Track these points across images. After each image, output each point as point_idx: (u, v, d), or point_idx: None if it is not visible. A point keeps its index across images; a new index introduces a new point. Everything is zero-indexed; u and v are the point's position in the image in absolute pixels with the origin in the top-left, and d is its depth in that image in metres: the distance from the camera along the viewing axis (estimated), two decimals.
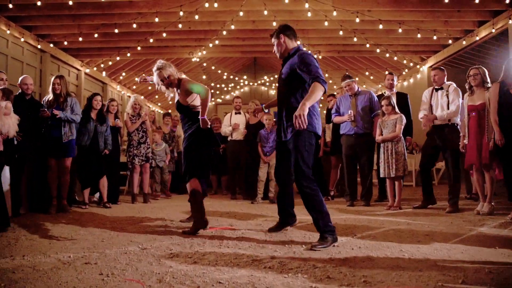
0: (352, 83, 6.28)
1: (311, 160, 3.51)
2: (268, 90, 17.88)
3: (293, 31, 3.81)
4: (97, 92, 6.61)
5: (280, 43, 3.76)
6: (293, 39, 3.79)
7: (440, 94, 5.65)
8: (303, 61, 3.49)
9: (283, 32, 3.76)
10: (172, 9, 7.75)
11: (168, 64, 4.25)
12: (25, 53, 9.19)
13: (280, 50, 3.78)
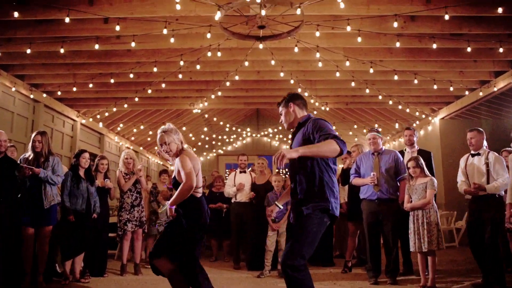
0: (378, 138, 5.51)
1: (313, 246, 3.05)
2: (271, 142, 17.37)
3: (303, 100, 3.49)
4: (84, 149, 5.89)
5: (289, 112, 3.41)
6: (303, 109, 3.44)
7: (477, 161, 4.96)
8: (317, 126, 3.16)
9: (292, 100, 3.42)
10: (172, 58, 7.24)
11: (175, 130, 3.97)
12: (16, 103, 8.63)
13: (289, 120, 3.43)
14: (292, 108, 3.38)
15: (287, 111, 3.41)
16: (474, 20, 6.34)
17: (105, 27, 6.42)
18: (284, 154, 2.77)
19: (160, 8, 5.86)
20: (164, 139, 3.86)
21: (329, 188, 3.11)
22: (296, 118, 3.40)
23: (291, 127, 3.46)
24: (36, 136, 5.14)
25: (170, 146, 3.86)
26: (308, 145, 3.02)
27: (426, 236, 4.79)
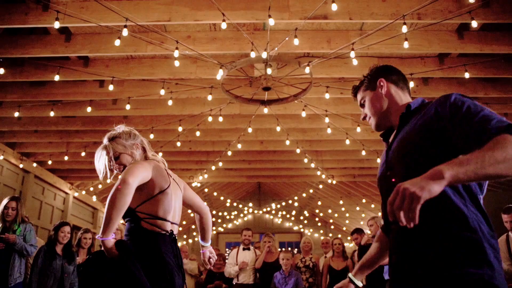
0: None
1: None
2: (273, 219, 16.57)
3: (402, 76, 1.94)
4: (65, 221, 5.20)
5: (379, 96, 1.88)
6: (405, 90, 1.91)
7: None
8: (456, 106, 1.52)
9: (383, 75, 1.90)
10: (170, 125, 6.82)
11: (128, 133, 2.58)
12: (4, 173, 8.10)
13: (379, 109, 1.87)
14: (385, 87, 1.87)
15: (374, 95, 1.90)
16: (490, 83, 6.02)
17: (100, 91, 6.08)
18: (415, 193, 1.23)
19: (158, 70, 5.55)
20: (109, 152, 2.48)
21: (487, 240, 1.42)
22: (394, 105, 1.85)
23: (383, 124, 1.90)
24: (10, 202, 4.51)
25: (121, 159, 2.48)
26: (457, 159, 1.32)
27: None
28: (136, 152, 2.52)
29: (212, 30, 4.98)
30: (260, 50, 4.74)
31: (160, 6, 4.53)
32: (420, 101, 1.78)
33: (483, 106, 1.49)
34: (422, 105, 1.75)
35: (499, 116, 1.43)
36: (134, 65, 5.55)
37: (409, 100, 1.87)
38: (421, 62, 5.51)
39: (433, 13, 4.51)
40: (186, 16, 4.44)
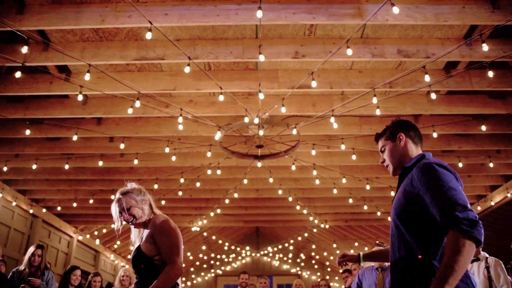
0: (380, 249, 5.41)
1: None
2: (271, 261, 16.86)
3: (418, 132, 2.27)
4: (75, 266, 5.75)
5: (397, 148, 2.22)
6: (418, 144, 2.24)
7: (476, 266, 4.89)
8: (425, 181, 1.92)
9: (403, 130, 2.24)
10: (173, 176, 7.44)
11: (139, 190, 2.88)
12: (15, 218, 8.66)
13: (396, 159, 2.22)
14: (403, 141, 2.21)
15: (394, 147, 2.23)
16: (463, 138, 6.66)
17: (110, 145, 6.73)
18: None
19: (163, 128, 6.21)
20: (122, 204, 2.75)
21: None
22: (405, 156, 2.20)
23: (398, 171, 2.23)
24: (36, 250, 5.05)
25: (132, 211, 2.75)
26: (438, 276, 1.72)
27: None
28: (145, 207, 2.81)
29: (212, 96, 5.68)
30: (254, 113, 5.43)
31: (166, 77, 5.25)
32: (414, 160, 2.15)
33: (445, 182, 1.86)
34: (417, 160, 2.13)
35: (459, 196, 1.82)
36: (142, 124, 6.22)
37: (420, 152, 2.22)
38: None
39: (403, 82, 5.22)
40: (188, 86, 5.14)
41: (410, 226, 1.97)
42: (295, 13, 4.16)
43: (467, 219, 1.75)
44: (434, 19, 4.18)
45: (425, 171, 1.94)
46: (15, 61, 4.50)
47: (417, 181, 1.95)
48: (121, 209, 2.73)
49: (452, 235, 1.76)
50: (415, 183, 1.96)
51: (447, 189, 1.84)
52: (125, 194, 2.78)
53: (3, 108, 5.71)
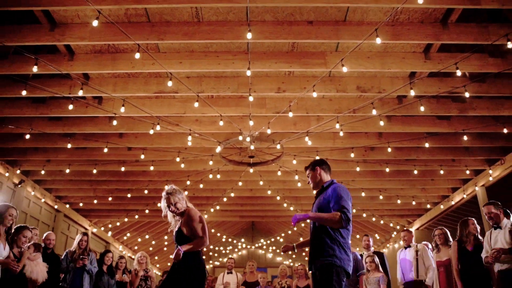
0: None
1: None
2: (265, 254, 18.27)
3: (328, 166, 3.91)
4: (108, 249, 7.28)
5: (315, 175, 3.81)
6: (327, 173, 3.86)
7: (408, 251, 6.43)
8: (336, 192, 3.52)
9: (319, 165, 3.84)
10: (180, 178, 8.88)
11: (179, 190, 4.13)
12: (42, 212, 10.09)
13: (315, 181, 3.82)
14: (319, 172, 3.79)
15: (314, 174, 3.81)
16: (420, 149, 8.08)
17: (129, 153, 8.17)
18: (296, 217, 3.37)
19: (174, 141, 7.66)
20: (170, 200, 4.00)
21: (338, 245, 3.43)
22: (321, 181, 3.77)
23: (316, 188, 3.82)
24: (83, 236, 6.55)
25: (177, 205, 4.00)
26: (318, 212, 3.50)
27: None
28: (183, 202, 4.08)
29: (213, 116, 7.08)
30: (247, 131, 6.87)
31: (178, 103, 6.68)
32: (329, 182, 3.78)
33: (343, 196, 3.48)
34: (330, 183, 3.74)
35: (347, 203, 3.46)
36: (155, 136, 7.63)
37: (329, 179, 3.84)
38: (364, 136, 7.63)
39: (364, 108, 6.63)
40: (195, 111, 6.53)
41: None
42: (277, 62, 5.61)
43: (347, 216, 3.41)
44: (380, 67, 5.62)
45: (336, 190, 3.60)
46: (61, 94, 5.93)
47: (331, 194, 3.59)
48: (169, 203, 4.03)
49: (335, 212, 3.42)
50: (331, 194, 3.59)
51: (345, 199, 3.52)
52: (171, 193, 4.06)
53: (45, 125, 7.13)
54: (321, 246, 3.46)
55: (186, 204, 4.12)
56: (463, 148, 8.06)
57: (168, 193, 4.07)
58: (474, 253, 5.30)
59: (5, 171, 8.26)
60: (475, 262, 5.26)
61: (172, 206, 4.01)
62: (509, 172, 8.17)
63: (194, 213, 4.04)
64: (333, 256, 3.38)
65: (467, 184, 9.52)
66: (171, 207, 4.02)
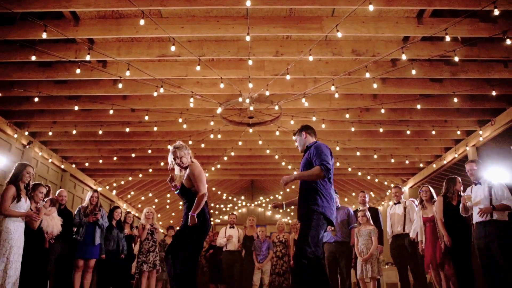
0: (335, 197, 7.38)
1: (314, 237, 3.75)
2: (264, 211, 18.88)
3: (313, 130, 4.41)
4: (117, 206, 7.74)
5: (302, 139, 4.34)
6: (313, 136, 4.37)
7: (397, 206, 6.87)
8: (317, 150, 4.00)
9: (305, 130, 4.37)
10: (182, 138, 9.22)
11: (185, 146, 4.43)
12: (49, 172, 10.50)
13: (302, 145, 4.34)
14: (305, 136, 4.32)
15: (301, 139, 4.35)
16: (414, 110, 8.38)
17: (132, 114, 8.46)
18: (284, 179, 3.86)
19: (176, 102, 7.94)
20: (177, 154, 4.32)
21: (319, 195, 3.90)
22: (307, 143, 4.29)
23: (303, 150, 4.32)
24: (94, 193, 7.02)
25: (182, 159, 4.30)
26: (302, 172, 4.00)
27: (369, 267, 6.46)
28: (188, 157, 4.41)
29: (214, 79, 7.33)
30: (246, 92, 7.15)
31: (180, 66, 6.92)
32: (313, 143, 4.24)
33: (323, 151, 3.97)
34: (313, 144, 4.19)
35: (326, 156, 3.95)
36: (159, 98, 7.90)
37: (314, 140, 4.33)
38: (360, 97, 7.91)
39: (359, 70, 6.88)
40: (197, 73, 6.77)
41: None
42: (275, 27, 5.82)
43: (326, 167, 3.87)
44: (374, 32, 5.85)
45: (317, 147, 4.10)
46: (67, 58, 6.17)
47: (313, 151, 4.08)
48: (175, 157, 4.35)
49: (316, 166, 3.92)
50: (312, 152, 4.08)
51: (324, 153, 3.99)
52: (178, 147, 4.39)
53: (51, 88, 7.39)
54: (305, 197, 3.92)
55: (191, 160, 4.41)
56: (455, 109, 8.36)
57: (175, 148, 4.38)
58: (457, 208, 5.75)
59: (14, 133, 8.58)
60: (458, 216, 5.73)
61: (178, 159, 4.31)
62: (498, 133, 8.52)
63: (195, 167, 4.31)
64: (314, 204, 3.84)
65: (458, 144, 9.87)
66: (176, 161, 4.32)
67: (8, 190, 4.52)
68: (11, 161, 8.34)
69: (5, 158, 8.33)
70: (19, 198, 4.57)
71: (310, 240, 3.70)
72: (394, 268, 7.55)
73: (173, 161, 4.38)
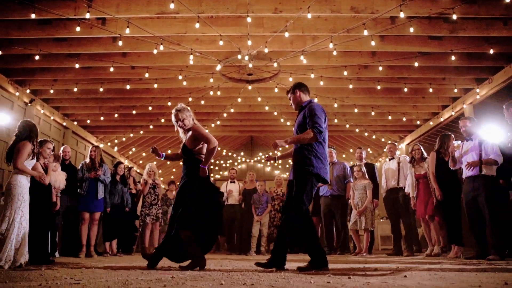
0: (331, 152, 7.63)
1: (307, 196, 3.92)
2: (263, 167, 19.20)
3: (306, 88, 4.38)
4: (120, 161, 7.96)
5: (296, 97, 4.30)
6: (306, 94, 4.33)
7: (392, 162, 7.10)
8: (310, 111, 4.04)
9: (298, 88, 4.33)
10: (182, 95, 9.33)
11: (187, 109, 4.47)
12: (52, 129, 10.67)
13: (296, 103, 4.32)
14: (298, 94, 4.28)
15: (294, 96, 4.31)
16: (412, 68, 8.44)
17: (133, 72, 8.53)
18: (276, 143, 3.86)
19: (175, 59, 7.98)
20: (179, 116, 4.35)
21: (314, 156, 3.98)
22: (301, 101, 4.27)
23: (297, 108, 4.31)
24: (92, 148, 7.21)
25: (185, 121, 4.34)
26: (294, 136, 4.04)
27: (363, 219, 6.79)
28: (190, 119, 4.40)
29: (213, 36, 7.34)
30: (245, 49, 7.19)
31: (179, 23, 6.91)
32: (307, 102, 4.26)
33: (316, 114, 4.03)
34: (308, 103, 4.22)
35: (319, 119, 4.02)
36: (158, 56, 7.93)
37: (308, 99, 4.32)
38: (358, 55, 7.95)
39: (358, 28, 6.90)
40: (196, 31, 6.80)
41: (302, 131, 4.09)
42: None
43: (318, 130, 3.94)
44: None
45: (311, 107, 4.12)
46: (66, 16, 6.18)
47: (307, 112, 4.10)
48: (177, 119, 4.38)
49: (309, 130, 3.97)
50: (307, 113, 4.10)
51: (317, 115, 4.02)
52: (179, 110, 4.41)
53: (51, 46, 7.42)
54: (300, 158, 4.01)
55: (193, 121, 4.47)
56: (453, 67, 8.42)
57: (177, 110, 4.43)
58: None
59: (15, 91, 8.68)
60: (449, 171, 5.95)
61: (180, 122, 4.38)
62: (496, 91, 8.62)
63: (199, 128, 4.40)
64: (309, 166, 3.95)
65: (455, 102, 9.99)
66: (179, 123, 4.39)
67: (26, 146, 4.60)
68: (14, 119, 8.50)
69: (8, 116, 8.47)
70: (33, 156, 4.73)
71: (305, 197, 3.90)
72: (389, 222, 7.87)
73: (176, 123, 4.45)
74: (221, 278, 3.15)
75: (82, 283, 2.82)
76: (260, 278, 3.09)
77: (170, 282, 2.86)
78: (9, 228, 4.36)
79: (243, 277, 3.20)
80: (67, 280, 3.01)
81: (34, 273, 3.70)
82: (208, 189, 4.33)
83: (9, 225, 4.36)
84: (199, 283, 2.77)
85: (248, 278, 3.14)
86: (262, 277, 3.23)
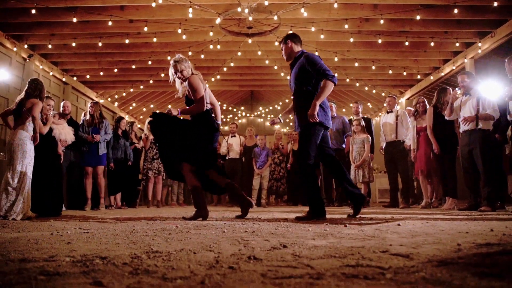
0: (331, 106, 7.66)
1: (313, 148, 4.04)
2: (264, 122, 19.26)
3: (298, 38, 4.36)
4: (122, 116, 8.04)
5: (288, 48, 4.29)
6: (298, 44, 4.32)
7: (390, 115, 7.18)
8: (310, 61, 4.04)
9: (290, 38, 4.33)
10: (182, 49, 9.26)
11: (185, 59, 4.46)
12: (51, 85, 10.66)
13: (288, 53, 4.32)
14: (290, 44, 4.26)
15: (286, 47, 4.30)
16: (414, 21, 8.32)
17: (131, 26, 8.42)
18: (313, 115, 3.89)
19: (174, 12, 7.86)
20: (177, 67, 4.35)
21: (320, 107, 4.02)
22: (292, 52, 4.27)
23: (290, 59, 4.32)
24: (90, 104, 7.27)
25: (183, 72, 4.35)
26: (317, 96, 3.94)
27: (361, 172, 6.95)
28: (188, 70, 4.41)
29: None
30: (245, 1, 7.09)
31: None
32: (300, 52, 4.26)
33: (319, 61, 4.07)
34: (301, 54, 4.22)
35: (324, 65, 4.07)
36: (157, 9, 7.82)
37: (300, 49, 4.30)
38: (359, 7, 7.83)
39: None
40: None
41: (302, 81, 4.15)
42: None
43: (331, 74, 3.98)
44: None
45: (309, 57, 4.13)
46: None
47: (305, 62, 4.11)
48: (176, 70, 4.40)
49: (324, 81, 4.01)
50: (304, 62, 4.11)
51: (320, 63, 4.07)
52: (178, 61, 4.41)
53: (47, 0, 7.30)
54: (304, 110, 4.06)
55: (192, 72, 4.46)
56: (455, 20, 8.30)
57: (175, 61, 4.41)
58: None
59: (13, 46, 8.59)
60: (446, 125, 6.03)
61: (178, 73, 4.38)
62: (498, 45, 8.53)
63: (193, 79, 4.35)
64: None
65: (457, 56, 9.90)
66: (177, 74, 4.39)
67: (39, 104, 4.78)
68: (12, 75, 8.49)
69: (7, 72, 8.45)
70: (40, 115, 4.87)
71: (310, 149, 4.02)
72: (386, 176, 8.04)
73: (174, 74, 4.44)
74: (223, 226, 3.31)
75: (91, 232, 2.97)
76: (261, 227, 3.25)
77: (174, 231, 3.01)
78: (21, 182, 4.53)
79: (244, 226, 3.36)
80: (76, 230, 3.16)
81: (44, 224, 3.89)
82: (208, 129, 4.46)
83: (20, 179, 4.54)
84: (202, 231, 2.92)
85: (249, 226, 3.30)
86: (262, 225, 3.38)
